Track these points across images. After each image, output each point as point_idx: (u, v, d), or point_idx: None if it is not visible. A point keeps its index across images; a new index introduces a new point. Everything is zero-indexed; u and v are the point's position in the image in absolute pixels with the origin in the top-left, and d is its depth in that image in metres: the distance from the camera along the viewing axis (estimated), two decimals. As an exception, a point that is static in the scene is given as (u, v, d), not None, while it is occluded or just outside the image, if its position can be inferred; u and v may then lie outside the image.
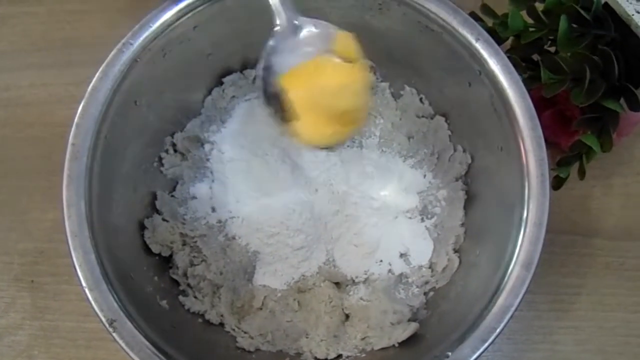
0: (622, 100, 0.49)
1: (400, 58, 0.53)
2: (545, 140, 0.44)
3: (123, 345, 0.41)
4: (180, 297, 0.50)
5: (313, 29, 0.45)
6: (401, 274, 0.52)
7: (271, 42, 0.45)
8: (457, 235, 0.52)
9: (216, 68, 0.55)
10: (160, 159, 0.53)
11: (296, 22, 0.45)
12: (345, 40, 0.44)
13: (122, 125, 0.47)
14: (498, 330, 0.41)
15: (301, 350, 0.49)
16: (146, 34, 0.47)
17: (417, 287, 0.52)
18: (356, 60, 0.44)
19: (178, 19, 0.48)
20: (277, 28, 0.45)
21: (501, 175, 0.48)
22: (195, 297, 0.51)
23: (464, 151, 0.53)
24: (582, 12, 0.47)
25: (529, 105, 0.45)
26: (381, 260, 0.53)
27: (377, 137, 0.56)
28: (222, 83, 0.56)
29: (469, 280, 0.48)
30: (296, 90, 0.43)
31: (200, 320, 0.50)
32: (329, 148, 0.47)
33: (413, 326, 0.48)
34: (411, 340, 0.48)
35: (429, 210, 0.54)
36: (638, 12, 0.47)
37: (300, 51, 0.45)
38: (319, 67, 0.44)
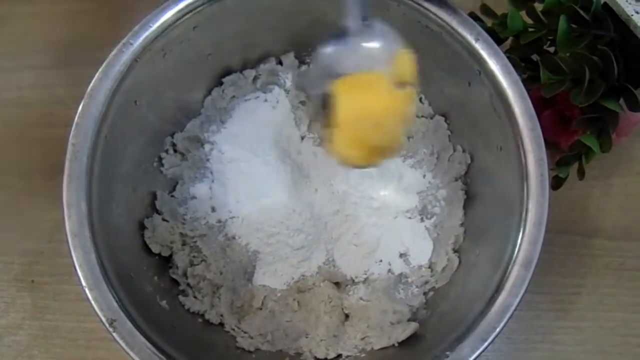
0: (621, 101, 0.49)
1: (400, 58, 0.53)
2: (545, 140, 0.44)
3: (123, 345, 0.41)
4: (180, 297, 0.50)
5: (380, 37, 0.43)
6: (401, 274, 0.53)
7: (337, 33, 0.43)
8: (457, 235, 0.52)
9: (216, 68, 0.55)
10: (160, 159, 0.54)
11: (367, 22, 0.42)
12: (406, 60, 0.42)
13: (122, 125, 0.47)
14: (497, 330, 0.41)
15: (301, 350, 0.49)
16: (146, 34, 0.47)
17: (417, 287, 0.52)
18: (409, 85, 0.42)
19: (178, 19, 0.48)
20: (347, 21, 0.42)
21: (501, 175, 0.48)
22: (195, 297, 0.51)
23: (464, 151, 0.53)
24: (581, 12, 0.47)
25: (529, 106, 0.45)
26: (381, 260, 0.53)
27: (376, 137, 0.56)
28: (222, 83, 0.56)
29: (469, 280, 0.49)
30: (345, 97, 0.41)
31: (200, 320, 0.50)
32: (350, 167, 0.45)
33: (413, 326, 0.48)
34: (411, 340, 0.48)
35: (429, 210, 0.55)
36: (637, 13, 0.47)
37: (361, 55, 0.42)
38: (374, 84, 0.42)
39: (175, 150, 0.54)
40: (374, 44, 0.42)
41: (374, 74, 0.42)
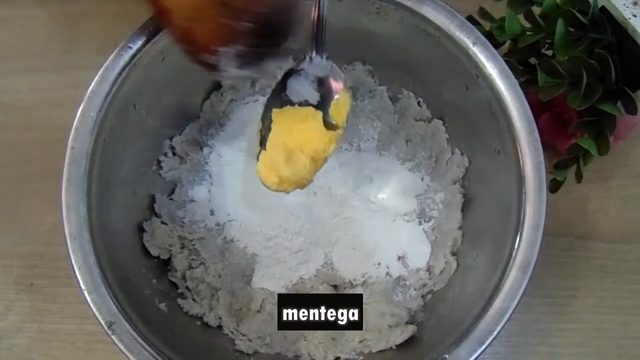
0: (619, 104, 0.49)
1: (398, 62, 0.53)
2: (543, 144, 0.44)
3: (122, 347, 0.41)
4: (179, 300, 0.50)
5: (330, 76, 0.47)
6: (399, 277, 0.53)
7: (294, 66, 0.47)
8: (455, 238, 0.52)
9: (215, 71, 0.56)
10: (159, 162, 0.54)
11: (321, 59, 0.46)
12: (343, 103, 0.46)
13: (121, 129, 0.47)
14: (495, 332, 0.41)
15: (299, 352, 0.49)
16: (145, 37, 0.47)
17: (415, 289, 0.52)
18: (338, 128, 0.46)
19: (177, 23, 0.48)
20: (307, 56, 0.46)
21: (498, 178, 0.48)
22: (194, 299, 0.51)
23: (462, 154, 0.54)
24: (579, 15, 0.47)
25: (526, 109, 0.45)
26: (379, 263, 0.53)
27: (375, 141, 0.56)
28: (220, 87, 0.56)
29: (467, 283, 0.49)
30: (277, 126, 0.46)
31: (198, 322, 0.50)
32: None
33: (411, 329, 0.48)
34: (409, 343, 0.48)
35: (427, 213, 0.55)
36: (635, 16, 0.47)
37: (310, 89, 0.47)
38: (304, 120, 0.46)
39: (174, 154, 0.55)
40: (322, 80, 0.47)
41: (309, 110, 0.46)
